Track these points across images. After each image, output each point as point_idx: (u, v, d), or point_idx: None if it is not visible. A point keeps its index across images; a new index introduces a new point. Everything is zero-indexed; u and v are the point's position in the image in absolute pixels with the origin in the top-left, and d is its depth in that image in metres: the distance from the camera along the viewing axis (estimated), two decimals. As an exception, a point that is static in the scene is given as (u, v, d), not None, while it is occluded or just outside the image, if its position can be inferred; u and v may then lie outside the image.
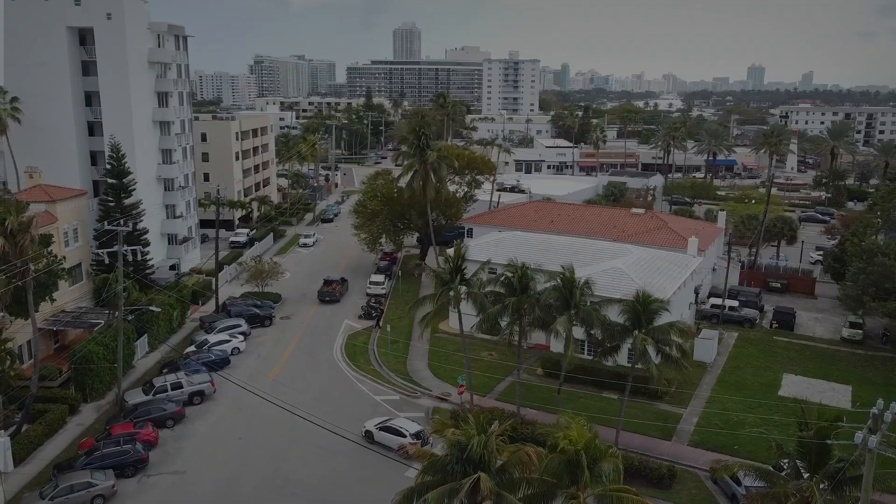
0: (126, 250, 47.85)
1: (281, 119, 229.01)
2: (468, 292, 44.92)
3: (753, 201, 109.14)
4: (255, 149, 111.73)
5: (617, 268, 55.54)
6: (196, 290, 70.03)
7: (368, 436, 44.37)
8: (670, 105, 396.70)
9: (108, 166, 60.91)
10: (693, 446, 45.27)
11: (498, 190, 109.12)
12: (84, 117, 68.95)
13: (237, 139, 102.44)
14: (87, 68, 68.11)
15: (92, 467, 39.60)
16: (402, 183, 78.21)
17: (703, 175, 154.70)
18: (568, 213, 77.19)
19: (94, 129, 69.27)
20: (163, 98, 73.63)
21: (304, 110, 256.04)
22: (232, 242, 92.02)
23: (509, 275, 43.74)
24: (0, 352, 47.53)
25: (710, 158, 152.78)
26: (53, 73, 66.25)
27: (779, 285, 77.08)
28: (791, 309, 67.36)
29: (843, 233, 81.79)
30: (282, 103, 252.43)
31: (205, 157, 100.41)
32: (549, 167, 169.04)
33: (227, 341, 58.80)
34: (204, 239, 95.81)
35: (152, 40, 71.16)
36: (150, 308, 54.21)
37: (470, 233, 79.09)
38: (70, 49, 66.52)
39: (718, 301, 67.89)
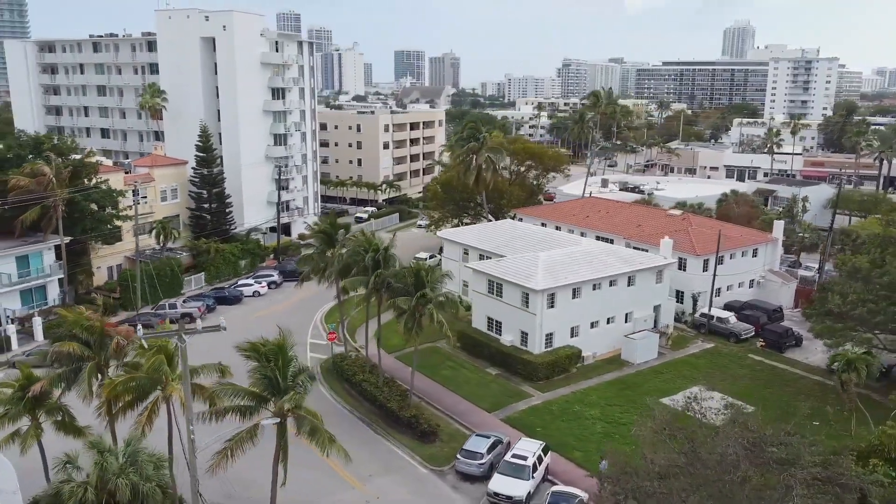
0: (136, 200, 65.11)
1: (531, 118, 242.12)
2: (339, 254, 52.95)
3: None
4: (414, 140, 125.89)
5: (536, 255, 57.58)
6: (276, 248, 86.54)
7: None
8: None
9: (198, 143, 79.77)
10: (504, 422, 47.48)
11: (620, 189, 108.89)
12: (215, 107, 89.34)
13: (386, 130, 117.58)
14: (216, 68, 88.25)
15: (63, 343, 56.95)
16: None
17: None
18: (607, 211, 77.12)
19: (220, 116, 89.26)
20: (277, 92, 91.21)
21: (560, 110, 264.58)
22: (357, 217, 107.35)
23: (358, 239, 50.87)
24: (84, 269, 69.00)
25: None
26: (189, 72, 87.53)
27: (835, 308, 67.69)
28: (786, 329, 60.38)
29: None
30: (539, 104, 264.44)
31: (358, 146, 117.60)
32: (764, 174, 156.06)
33: (250, 285, 73.62)
34: (341, 214, 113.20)
35: (266, 46, 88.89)
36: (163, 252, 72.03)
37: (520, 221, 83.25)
38: (202, 53, 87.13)
39: (723, 312, 63.77)
